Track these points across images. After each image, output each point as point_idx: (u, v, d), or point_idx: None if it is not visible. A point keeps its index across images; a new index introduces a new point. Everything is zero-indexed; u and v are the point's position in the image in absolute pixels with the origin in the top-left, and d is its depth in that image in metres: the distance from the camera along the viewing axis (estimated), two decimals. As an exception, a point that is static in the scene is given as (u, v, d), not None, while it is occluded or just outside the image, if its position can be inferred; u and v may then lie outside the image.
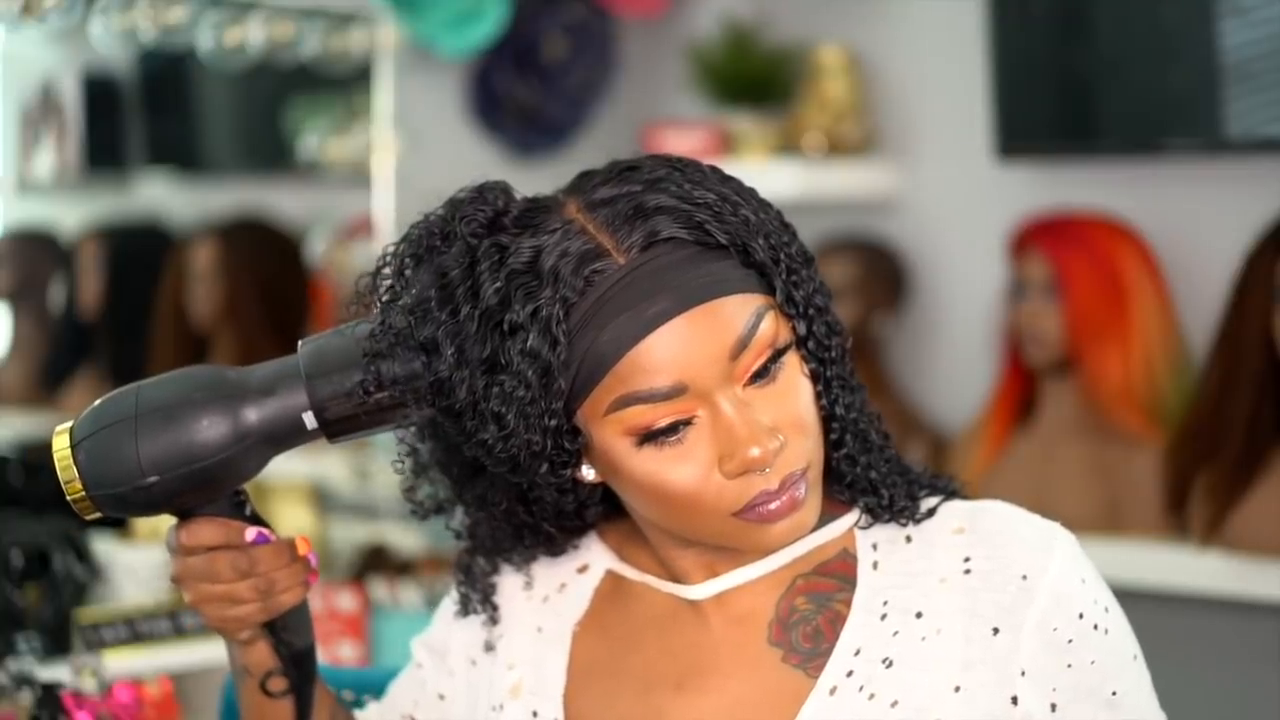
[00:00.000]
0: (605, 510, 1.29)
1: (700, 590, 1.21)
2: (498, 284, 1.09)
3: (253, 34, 2.94)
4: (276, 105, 3.42)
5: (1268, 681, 2.53)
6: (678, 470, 1.11)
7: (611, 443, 1.12)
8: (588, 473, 1.18)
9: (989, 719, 1.14)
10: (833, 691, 1.15)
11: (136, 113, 3.55)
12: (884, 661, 1.15)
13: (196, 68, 3.35)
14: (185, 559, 1.18)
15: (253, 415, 1.14)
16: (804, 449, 1.13)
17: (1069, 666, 1.15)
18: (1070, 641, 1.15)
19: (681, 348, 1.09)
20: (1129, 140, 2.81)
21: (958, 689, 1.14)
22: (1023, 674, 1.14)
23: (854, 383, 1.20)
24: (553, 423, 1.11)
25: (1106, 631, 1.16)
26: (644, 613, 1.24)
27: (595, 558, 1.28)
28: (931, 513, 1.20)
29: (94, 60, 3.47)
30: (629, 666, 1.23)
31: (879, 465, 1.20)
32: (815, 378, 1.15)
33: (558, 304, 1.08)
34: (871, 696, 1.15)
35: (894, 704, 1.14)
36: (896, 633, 1.16)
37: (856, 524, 1.21)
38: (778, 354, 1.12)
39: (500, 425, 1.11)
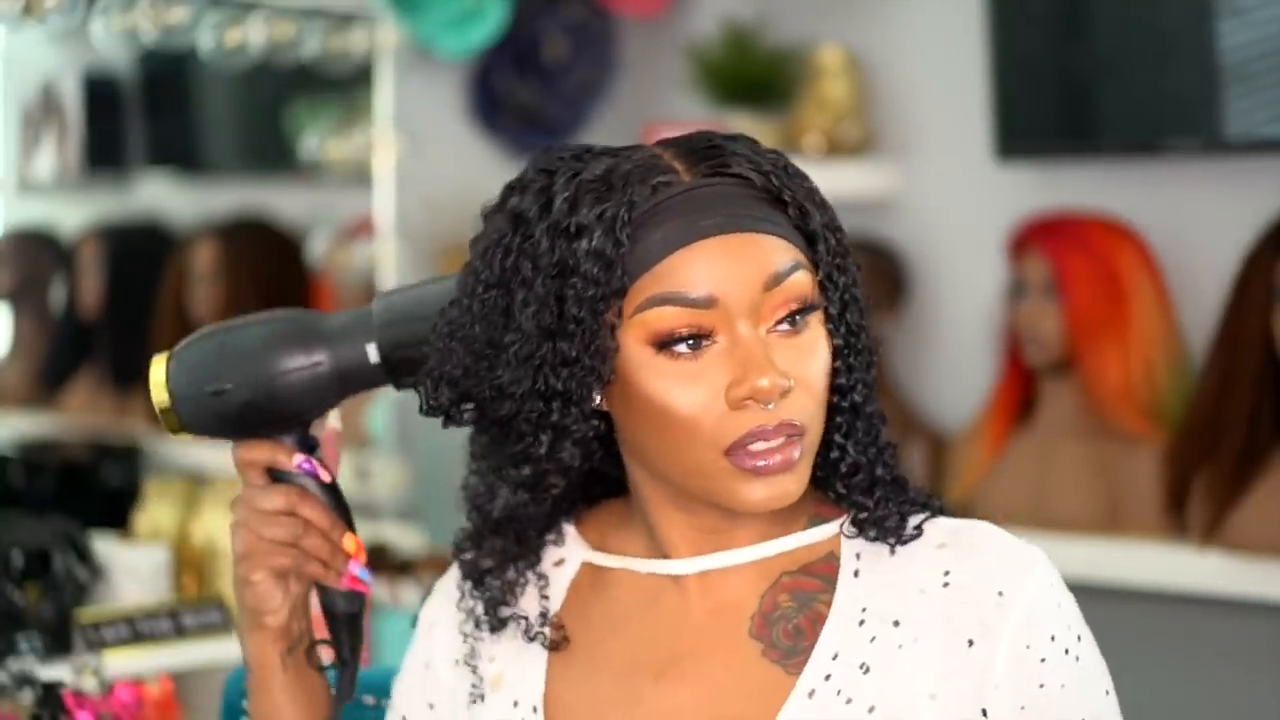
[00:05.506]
0: (584, 500, 1.30)
1: (685, 565, 1.22)
2: (568, 193, 1.15)
3: (253, 34, 2.94)
4: (277, 105, 3.42)
5: (1268, 681, 2.53)
6: (685, 391, 1.14)
7: (630, 348, 1.15)
8: (595, 396, 1.19)
9: None
10: (811, 694, 1.17)
11: (136, 113, 3.55)
12: (861, 667, 1.17)
13: (197, 68, 3.35)
14: (249, 513, 1.26)
15: (326, 346, 1.26)
16: (807, 407, 1.15)
17: (1041, 686, 1.16)
18: (1043, 661, 1.16)
19: (723, 262, 1.14)
20: (1129, 140, 2.81)
21: (933, 696, 1.15)
22: (996, 687, 1.16)
23: (874, 394, 1.21)
24: (610, 320, 1.15)
25: (1078, 659, 1.17)
26: (625, 599, 1.25)
27: (570, 552, 1.29)
28: (919, 531, 1.21)
29: (94, 60, 3.47)
30: (608, 652, 1.24)
31: (878, 463, 1.21)
32: (836, 353, 1.18)
33: (624, 207, 1.14)
34: (849, 701, 1.16)
35: (871, 709, 1.15)
36: (874, 639, 1.18)
37: (842, 529, 1.22)
38: (807, 308, 1.16)
39: (577, 324, 1.14)
